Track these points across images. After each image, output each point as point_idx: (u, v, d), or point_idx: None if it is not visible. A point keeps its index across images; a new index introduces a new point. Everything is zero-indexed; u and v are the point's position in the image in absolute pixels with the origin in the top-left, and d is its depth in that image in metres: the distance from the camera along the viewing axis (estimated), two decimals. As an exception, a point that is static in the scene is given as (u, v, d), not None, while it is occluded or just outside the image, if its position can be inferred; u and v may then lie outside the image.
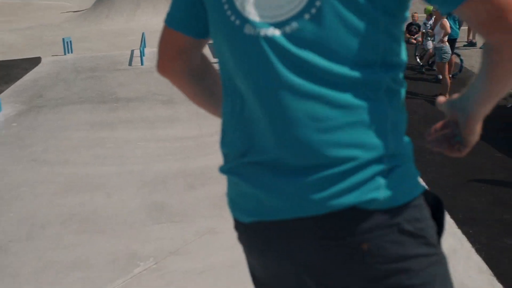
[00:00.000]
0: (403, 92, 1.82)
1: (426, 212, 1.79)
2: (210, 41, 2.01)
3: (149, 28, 23.88)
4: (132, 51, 18.03)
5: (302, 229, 1.73)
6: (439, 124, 2.04)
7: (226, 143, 2.02)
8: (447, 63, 13.42)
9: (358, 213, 1.67)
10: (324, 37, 1.62)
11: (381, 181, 1.68)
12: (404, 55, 1.78)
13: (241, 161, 1.87)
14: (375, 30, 1.64)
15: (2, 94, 13.91)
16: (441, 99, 2.04)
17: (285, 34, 1.64)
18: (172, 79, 2.26)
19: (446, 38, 13.51)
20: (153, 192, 8.17)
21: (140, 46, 17.24)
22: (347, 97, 1.65)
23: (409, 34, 19.19)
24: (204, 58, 2.21)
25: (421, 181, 1.83)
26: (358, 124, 1.66)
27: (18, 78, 15.63)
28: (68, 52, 18.85)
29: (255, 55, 1.69)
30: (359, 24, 1.61)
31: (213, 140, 10.33)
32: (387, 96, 1.73)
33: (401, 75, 1.78)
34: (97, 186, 8.23)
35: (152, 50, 17.84)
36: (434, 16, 15.10)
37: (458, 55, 15.20)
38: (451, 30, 14.26)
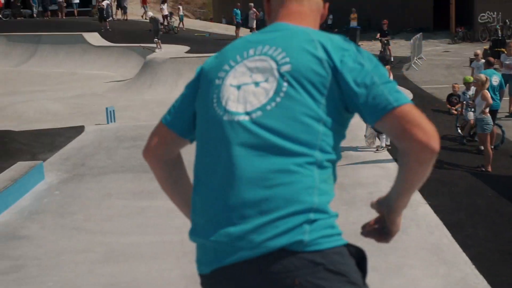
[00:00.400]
0: (332, 170, 2.43)
1: (348, 259, 2.30)
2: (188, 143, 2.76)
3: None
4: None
5: (249, 271, 2.26)
6: (372, 221, 2.72)
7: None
8: (488, 134, 13.32)
9: (289, 254, 2.19)
10: (278, 123, 2.31)
11: (307, 227, 2.22)
12: (338, 147, 2.45)
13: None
14: (317, 128, 2.34)
15: (46, 162, 14.12)
16: (373, 201, 2.72)
17: (251, 119, 2.35)
18: (150, 162, 2.80)
19: (487, 110, 13.45)
20: (192, 262, 8.06)
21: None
22: (288, 165, 2.27)
23: (449, 105, 19.14)
24: (179, 154, 2.83)
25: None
26: (293, 184, 2.26)
27: (62, 147, 15.87)
28: (111, 121, 19.12)
29: (231, 132, 2.37)
30: (308, 120, 2.32)
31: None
32: (318, 169, 2.33)
33: (334, 158, 2.40)
34: (137, 256, 8.24)
35: (193, 120, 18.11)
36: (475, 88, 15.08)
37: (500, 126, 15.08)
38: (492, 101, 14.20)
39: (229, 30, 39.66)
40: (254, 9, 35.45)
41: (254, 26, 35.50)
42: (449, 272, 7.48)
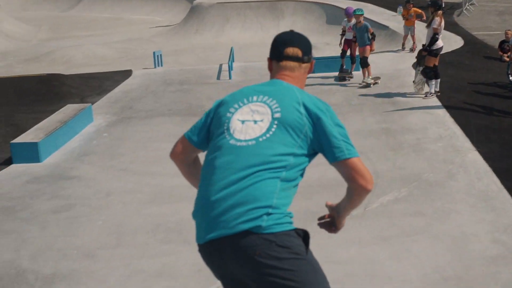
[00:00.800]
0: (292, 184, 3.40)
1: (293, 238, 3.29)
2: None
3: (237, 43, 24.12)
4: (221, 65, 18.19)
5: (229, 244, 3.28)
6: (326, 215, 3.82)
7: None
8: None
9: (252, 234, 3.21)
10: (265, 145, 3.36)
11: (265, 217, 3.23)
12: (301, 171, 3.47)
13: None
14: (293, 151, 3.38)
15: (95, 105, 14.27)
16: (328, 203, 3.82)
17: (247, 145, 3.38)
18: (175, 162, 3.88)
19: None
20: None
21: (229, 60, 17.39)
22: (266, 173, 3.31)
23: (501, 52, 18.73)
24: (196, 157, 3.88)
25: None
26: (262, 188, 3.28)
27: (110, 90, 16.01)
28: (158, 65, 19.18)
29: (232, 145, 3.42)
30: (290, 144, 3.39)
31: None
32: (281, 182, 3.33)
33: (295, 178, 3.40)
34: (183, 197, 8.28)
35: (240, 65, 18.02)
36: None
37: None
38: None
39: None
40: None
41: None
42: (496, 218, 7.40)
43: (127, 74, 17.82)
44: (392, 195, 8.22)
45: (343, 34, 16.23)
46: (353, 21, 15.43)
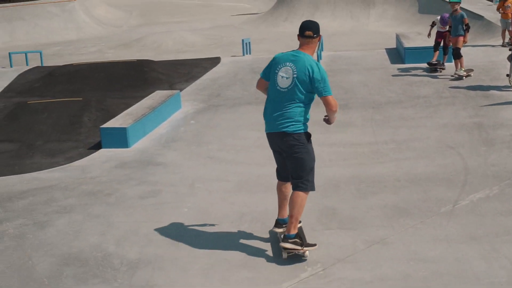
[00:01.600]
0: (306, 109, 6.41)
1: (301, 135, 6.39)
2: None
3: (326, 31, 23.89)
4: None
5: (274, 137, 6.57)
6: (324, 116, 6.65)
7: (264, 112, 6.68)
8: None
9: (284, 134, 6.40)
10: (291, 91, 6.36)
11: (290, 126, 6.36)
12: (309, 102, 6.46)
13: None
14: (304, 94, 6.35)
15: (183, 91, 14.39)
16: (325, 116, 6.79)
17: (283, 91, 6.41)
18: (260, 90, 6.87)
19: None
20: (324, 197, 8.10)
21: (318, 49, 17.24)
22: (290, 104, 6.38)
23: None
24: (267, 84, 6.66)
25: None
26: (291, 111, 6.38)
27: (198, 77, 16.12)
28: (247, 53, 19.20)
29: (277, 89, 6.47)
30: (301, 91, 6.34)
31: (388, 148, 10.11)
32: (299, 109, 6.38)
33: (307, 105, 6.42)
34: (269, 187, 8.26)
35: (329, 54, 17.86)
36: None
37: None
38: None
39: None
40: None
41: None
42: None
43: (215, 61, 17.91)
44: (483, 192, 7.95)
45: (432, 26, 15.85)
46: (447, 28, 15.03)
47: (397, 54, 17.58)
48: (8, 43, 26.26)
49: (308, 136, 6.42)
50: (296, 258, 6.37)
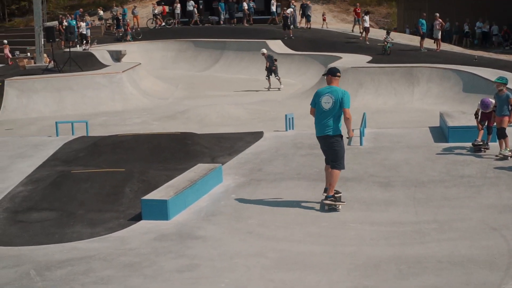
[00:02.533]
0: (340, 119, 11.19)
1: (337, 137, 11.19)
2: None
3: (370, 108, 23.95)
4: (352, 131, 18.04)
5: (321, 138, 11.41)
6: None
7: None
8: None
9: (328, 136, 11.21)
10: (331, 110, 11.15)
11: (331, 131, 11.14)
12: (340, 118, 11.29)
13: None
14: (338, 111, 11.14)
15: (225, 165, 14.44)
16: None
17: (326, 110, 11.19)
18: (312, 115, 11.55)
19: None
20: (364, 276, 7.96)
21: (360, 126, 17.21)
22: (331, 118, 11.15)
23: None
24: (315, 110, 11.57)
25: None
26: (332, 122, 11.15)
27: (241, 151, 16.18)
28: (290, 128, 19.24)
29: (322, 110, 11.25)
30: (337, 110, 11.12)
31: (430, 228, 9.95)
32: (336, 119, 11.15)
33: (340, 116, 11.19)
34: (308, 265, 8.17)
35: (372, 131, 17.81)
36: None
37: None
38: None
39: (413, 40, 38.92)
40: (440, 20, 34.48)
41: (439, 36, 34.58)
42: None
43: (258, 135, 17.99)
44: (529, 277, 7.74)
45: (476, 115, 15.71)
46: (491, 108, 14.95)
47: (441, 132, 17.46)
48: (56, 112, 26.78)
49: (340, 136, 11.15)
50: (332, 209, 9.82)
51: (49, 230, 10.87)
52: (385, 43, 31.39)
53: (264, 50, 33.51)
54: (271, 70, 32.30)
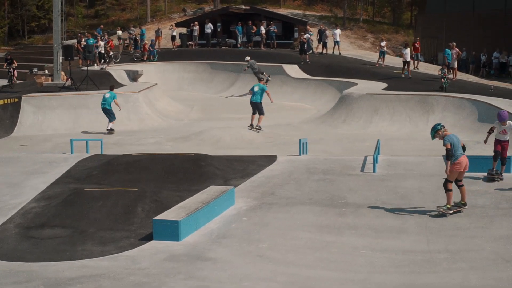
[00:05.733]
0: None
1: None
2: None
3: (384, 135, 23.91)
4: (366, 157, 18.01)
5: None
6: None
7: None
8: None
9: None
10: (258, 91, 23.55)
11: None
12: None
13: None
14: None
15: (237, 188, 14.44)
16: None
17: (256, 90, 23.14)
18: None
19: None
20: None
21: (374, 152, 17.20)
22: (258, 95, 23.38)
23: None
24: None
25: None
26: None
27: (253, 174, 16.19)
28: (303, 153, 19.25)
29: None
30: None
31: (442, 257, 9.91)
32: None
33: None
34: (317, 291, 8.15)
35: (385, 158, 17.79)
36: None
37: None
38: None
39: (429, 69, 38.91)
40: (457, 49, 34.47)
41: (456, 65, 34.54)
42: None
43: (271, 159, 18.00)
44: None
45: (490, 132, 15.67)
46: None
47: (455, 162, 17.41)
48: (71, 130, 26.90)
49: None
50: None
51: (60, 247, 10.91)
52: (442, 79, 30.62)
53: (248, 58, 37.01)
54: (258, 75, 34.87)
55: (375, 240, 10.68)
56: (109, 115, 26.76)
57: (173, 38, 47.89)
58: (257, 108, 25.47)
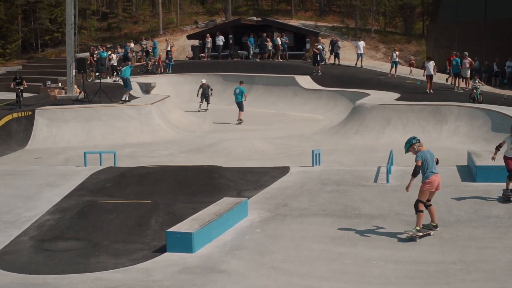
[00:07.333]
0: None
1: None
2: None
3: (398, 146, 23.80)
4: (379, 168, 17.98)
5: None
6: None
7: None
8: None
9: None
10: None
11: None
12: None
13: None
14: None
15: (250, 199, 14.45)
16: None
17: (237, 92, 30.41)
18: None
19: None
20: (387, 315, 7.90)
21: (388, 163, 17.17)
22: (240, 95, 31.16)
23: None
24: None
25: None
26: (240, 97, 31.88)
27: (267, 186, 16.19)
28: (316, 164, 19.23)
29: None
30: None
31: (456, 268, 9.86)
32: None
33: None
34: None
35: (399, 168, 17.75)
36: None
37: None
38: None
39: (441, 78, 38.81)
40: (469, 59, 34.34)
41: (468, 75, 34.40)
42: None
43: (284, 170, 17.99)
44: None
45: (498, 149, 15.35)
46: None
47: (469, 172, 17.35)
48: (85, 142, 27.01)
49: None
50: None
51: (74, 259, 10.95)
52: (474, 90, 30.16)
53: (204, 80, 38.26)
54: (206, 97, 37.47)
55: (389, 251, 10.65)
56: (125, 84, 30.62)
57: (168, 52, 46.41)
58: (238, 106, 33.28)
